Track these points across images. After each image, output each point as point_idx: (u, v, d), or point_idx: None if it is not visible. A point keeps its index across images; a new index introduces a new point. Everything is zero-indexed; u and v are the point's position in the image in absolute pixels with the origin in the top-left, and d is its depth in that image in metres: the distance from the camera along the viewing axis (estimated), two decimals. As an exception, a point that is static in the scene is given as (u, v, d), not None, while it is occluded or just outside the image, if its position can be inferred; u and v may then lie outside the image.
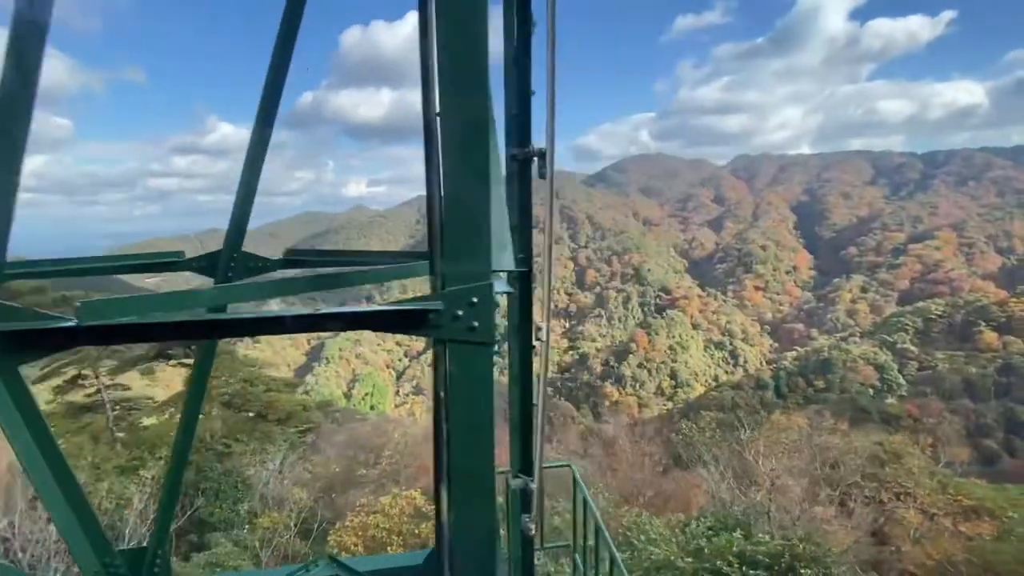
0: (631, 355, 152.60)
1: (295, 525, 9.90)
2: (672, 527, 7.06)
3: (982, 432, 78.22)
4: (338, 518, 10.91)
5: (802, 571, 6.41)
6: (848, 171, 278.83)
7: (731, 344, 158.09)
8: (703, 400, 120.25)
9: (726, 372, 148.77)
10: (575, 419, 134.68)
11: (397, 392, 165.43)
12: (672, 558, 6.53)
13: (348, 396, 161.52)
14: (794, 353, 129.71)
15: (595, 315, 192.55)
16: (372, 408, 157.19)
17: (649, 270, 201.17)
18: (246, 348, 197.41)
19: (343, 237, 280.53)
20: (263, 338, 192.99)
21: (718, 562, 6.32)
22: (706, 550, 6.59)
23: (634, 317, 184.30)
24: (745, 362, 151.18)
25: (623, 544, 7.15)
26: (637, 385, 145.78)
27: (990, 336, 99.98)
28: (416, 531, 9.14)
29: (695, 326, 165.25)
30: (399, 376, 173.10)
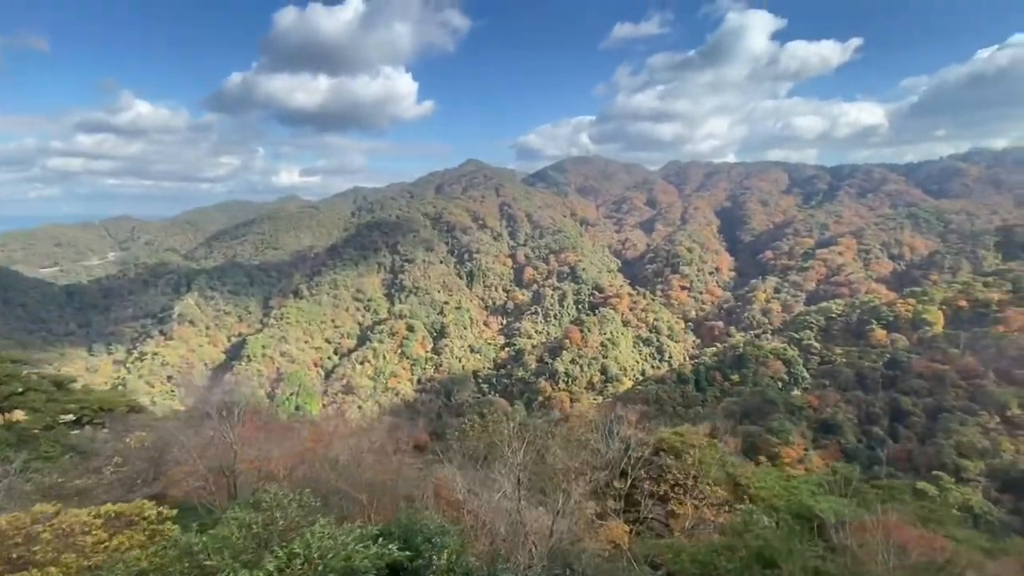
0: (565, 351, 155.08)
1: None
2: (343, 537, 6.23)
3: (871, 420, 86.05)
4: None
5: None
6: (767, 180, 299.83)
7: (658, 340, 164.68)
8: (630, 394, 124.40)
9: (653, 367, 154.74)
10: (508, 415, 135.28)
11: (325, 391, 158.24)
12: None
13: (271, 396, 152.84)
14: (714, 349, 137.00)
15: (532, 312, 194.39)
16: (297, 408, 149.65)
17: (584, 269, 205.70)
18: (156, 346, 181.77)
19: (270, 228, 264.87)
20: (176, 335, 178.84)
21: None
22: (322, 566, 5.78)
23: (568, 314, 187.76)
24: (670, 357, 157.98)
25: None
26: (569, 380, 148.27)
27: (880, 333, 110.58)
28: (14, 555, 7.63)
29: (625, 323, 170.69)
30: (328, 374, 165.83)
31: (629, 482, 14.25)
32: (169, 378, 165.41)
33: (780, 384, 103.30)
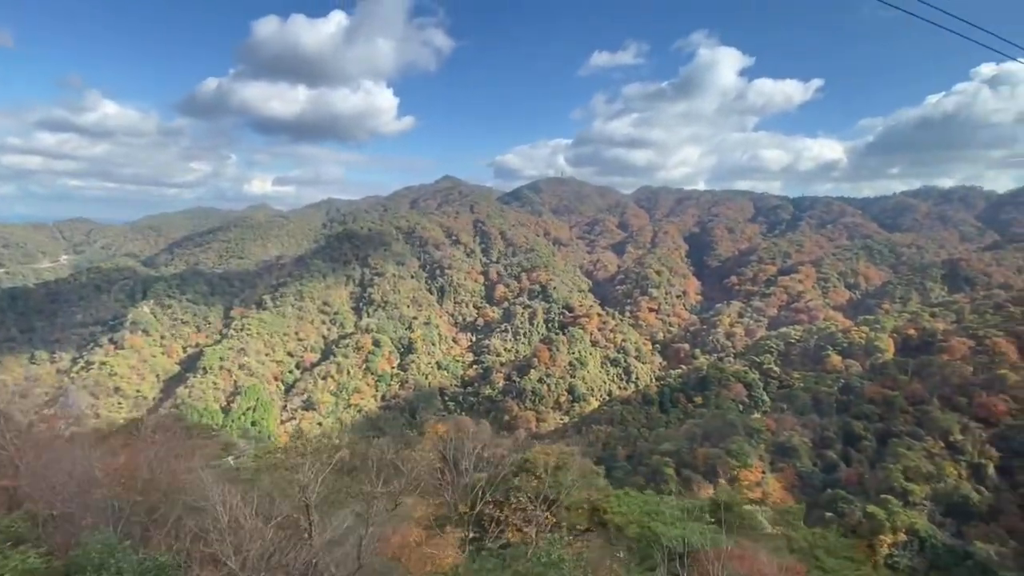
0: (533, 370, 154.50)
1: None
2: None
3: (825, 444, 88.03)
4: None
5: None
6: (734, 208, 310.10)
7: (625, 361, 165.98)
8: (595, 414, 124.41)
9: (620, 387, 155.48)
10: (471, 434, 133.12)
11: (284, 406, 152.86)
12: None
13: (226, 411, 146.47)
14: (679, 371, 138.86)
15: (502, 330, 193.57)
16: (253, 424, 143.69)
17: (555, 288, 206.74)
18: (105, 355, 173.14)
19: (236, 236, 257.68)
20: (128, 344, 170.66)
21: None
22: None
23: (538, 332, 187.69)
24: (637, 378, 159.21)
25: None
26: (536, 399, 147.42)
27: (836, 359, 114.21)
28: None
29: (594, 343, 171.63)
30: (288, 389, 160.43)
31: (478, 507, 13.32)
32: (117, 389, 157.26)
33: (741, 407, 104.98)
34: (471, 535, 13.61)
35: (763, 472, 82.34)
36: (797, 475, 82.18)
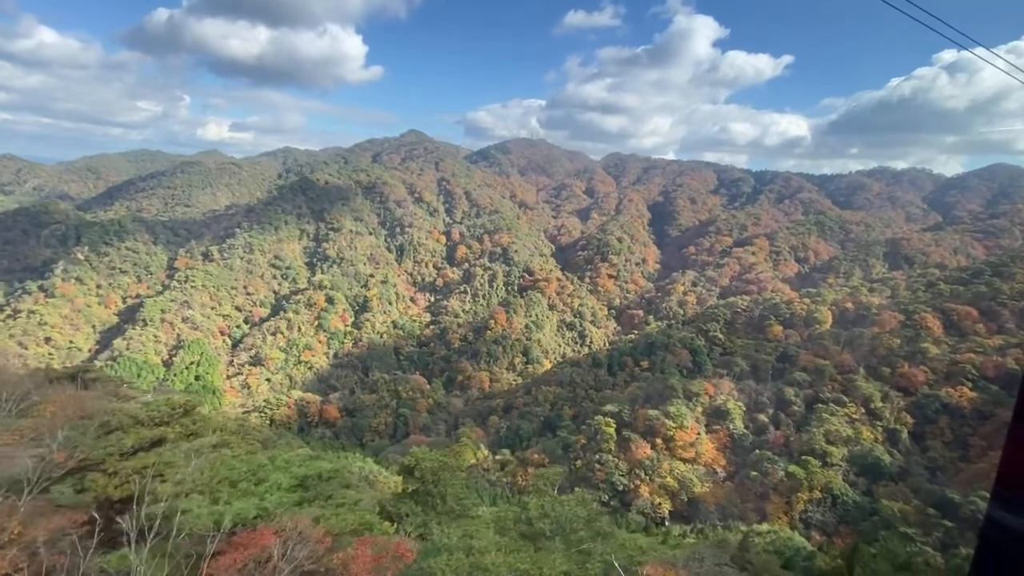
0: (489, 331, 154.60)
1: None
2: None
3: (759, 408, 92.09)
4: None
5: None
6: (698, 179, 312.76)
7: (581, 325, 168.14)
8: (547, 376, 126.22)
9: (574, 351, 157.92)
10: (424, 393, 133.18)
11: (231, 362, 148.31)
12: None
13: (168, 365, 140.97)
14: (631, 336, 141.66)
15: (460, 291, 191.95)
16: (197, 379, 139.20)
17: (516, 251, 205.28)
18: (35, 303, 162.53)
19: (183, 182, 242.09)
20: (59, 292, 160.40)
21: None
22: None
23: (497, 295, 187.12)
24: (591, 342, 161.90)
25: None
26: (491, 361, 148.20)
27: (777, 328, 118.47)
28: None
29: (551, 307, 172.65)
30: (235, 344, 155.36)
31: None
32: (47, 340, 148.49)
33: (685, 372, 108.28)
34: None
35: (698, 433, 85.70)
36: (730, 436, 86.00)
